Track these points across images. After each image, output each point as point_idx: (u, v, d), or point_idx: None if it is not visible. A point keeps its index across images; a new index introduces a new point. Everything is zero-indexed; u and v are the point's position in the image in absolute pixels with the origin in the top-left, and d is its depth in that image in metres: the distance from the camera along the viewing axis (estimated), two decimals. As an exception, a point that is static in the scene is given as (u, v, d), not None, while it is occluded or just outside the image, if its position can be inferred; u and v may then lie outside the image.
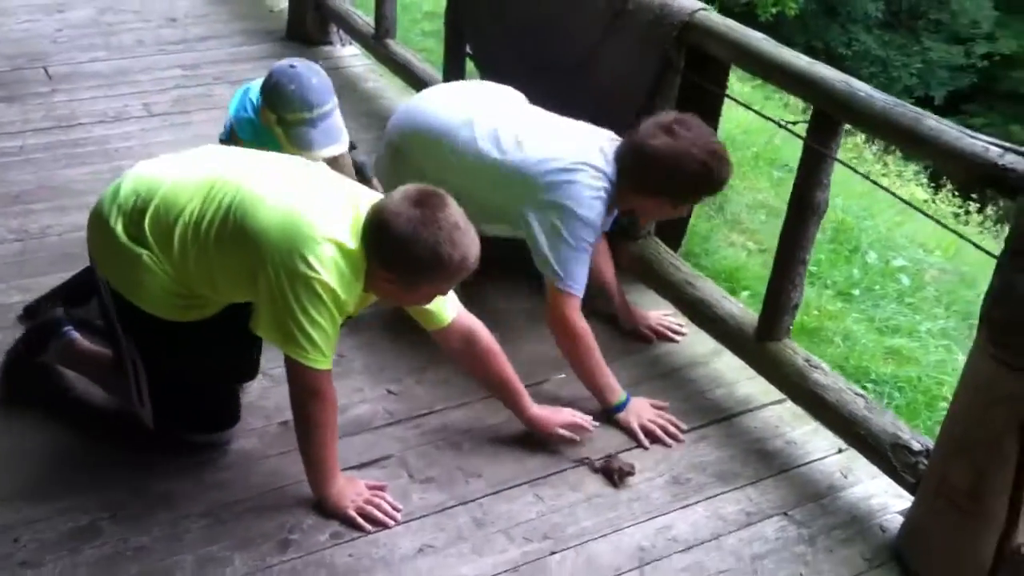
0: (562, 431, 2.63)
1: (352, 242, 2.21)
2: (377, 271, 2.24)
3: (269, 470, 2.53)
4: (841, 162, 2.61)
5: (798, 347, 2.85)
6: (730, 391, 2.95)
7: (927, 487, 2.38)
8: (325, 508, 2.39)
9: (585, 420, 2.67)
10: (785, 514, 2.55)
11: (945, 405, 4.08)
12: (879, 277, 5.28)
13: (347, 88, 4.78)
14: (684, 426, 2.77)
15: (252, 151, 2.49)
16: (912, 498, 2.48)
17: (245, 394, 2.72)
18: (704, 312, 3.06)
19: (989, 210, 10.32)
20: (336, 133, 2.85)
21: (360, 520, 2.37)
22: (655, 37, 2.97)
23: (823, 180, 2.60)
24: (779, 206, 5.67)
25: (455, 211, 2.21)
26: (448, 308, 2.50)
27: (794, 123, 2.64)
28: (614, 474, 2.58)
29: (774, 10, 14.20)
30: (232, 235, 2.22)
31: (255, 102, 2.94)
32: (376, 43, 4.75)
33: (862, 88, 2.46)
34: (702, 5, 2.95)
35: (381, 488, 2.46)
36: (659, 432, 2.73)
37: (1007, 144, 2.15)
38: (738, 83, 6.86)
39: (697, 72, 2.98)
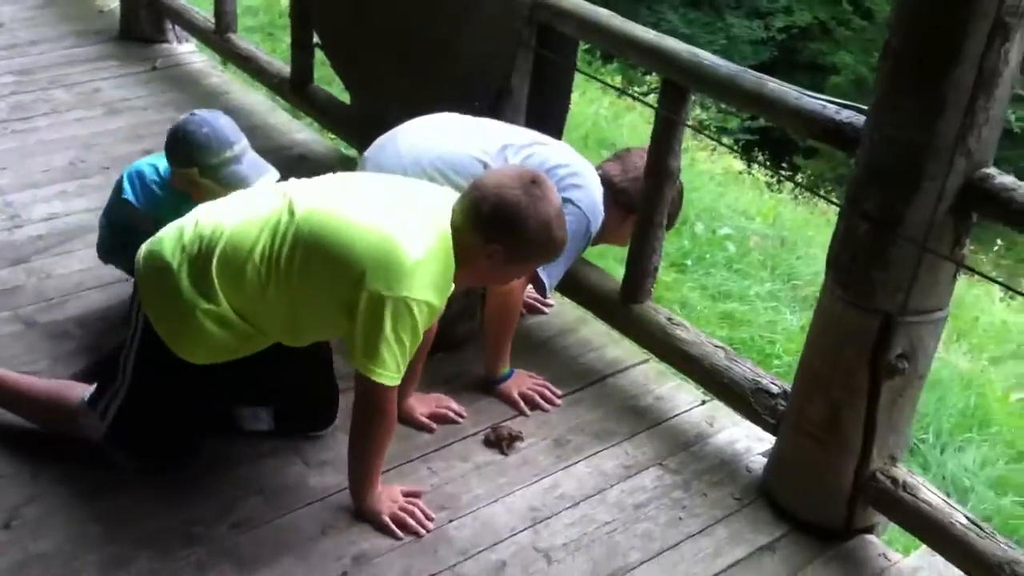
0: (422, 419, 2.72)
1: (441, 238, 2.21)
2: (480, 247, 2.25)
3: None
4: (690, 126, 2.78)
5: (660, 307, 3.02)
6: (599, 355, 3.10)
7: (787, 425, 2.57)
8: (361, 513, 2.42)
9: (451, 410, 2.77)
10: (660, 464, 2.72)
11: (778, 362, 4.41)
12: (708, 246, 5.56)
13: (190, 85, 4.73)
14: (559, 391, 2.90)
15: (310, 179, 2.41)
16: (773, 439, 2.67)
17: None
18: (569, 281, 3.20)
19: (799, 177, 10.95)
20: (262, 163, 2.78)
21: (393, 527, 2.39)
22: (507, 18, 3.08)
23: (675, 147, 2.77)
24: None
25: (559, 198, 2.30)
26: None
27: (645, 94, 2.79)
28: (503, 442, 2.68)
29: (584, -6, 14.60)
30: (319, 263, 2.18)
31: (159, 176, 2.83)
32: (217, 38, 4.69)
33: (707, 58, 2.64)
34: (550, -14, 3.07)
35: (416, 495, 2.48)
36: (537, 398, 2.85)
37: (841, 101, 2.36)
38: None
39: (549, 49, 3.10)
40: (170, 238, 2.28)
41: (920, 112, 2.07)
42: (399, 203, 2.28)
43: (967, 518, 2.36)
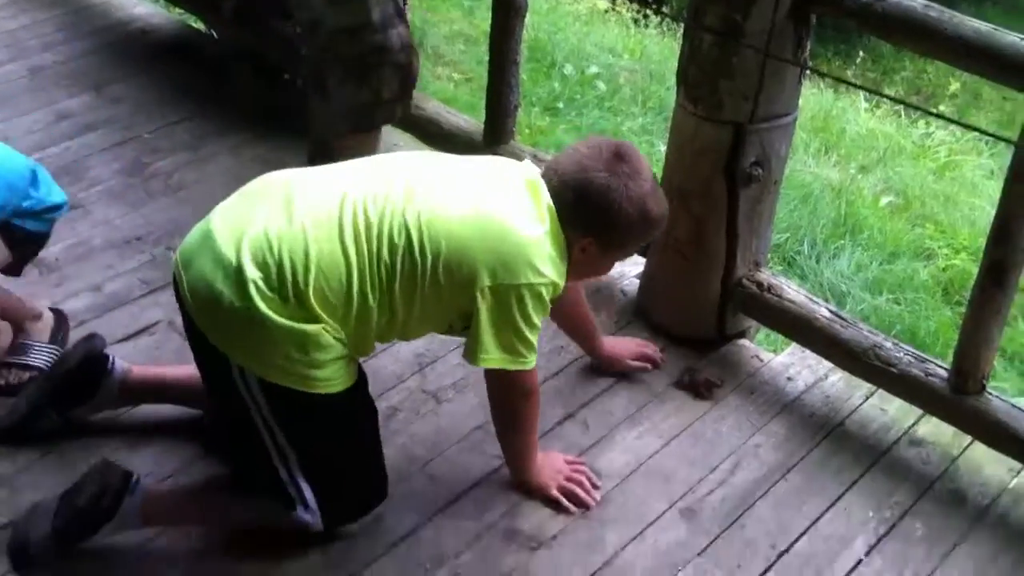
0: (632, 363, 2.58)
1: (546, 221, 1.93)
2: (574, 239, 1.98)
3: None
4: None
5: (524, 145, 3.05)
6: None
7: (655, 244, 2.64)
8: (526, 489, 2.27)
9: (651, 348, 2.61)
10: (535, 295, 2.78)
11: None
12: (578, 87, 5.58)
13: None
14: None
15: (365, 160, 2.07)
16: (644, 260, 2.75)
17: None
18: (432, 129, 3.19)
19: (665, 8, 10.94)
20: None
21: (565, 501, 2.24)
22: None
23: (520, -23, 2.75)
24: (475, 35, 5.85)
25: (648, 165, 2.02)
26: None
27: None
28: (700, 387, 2.55)
29: None
30: (426, 265, 1.87)
31: None
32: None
33: None
34: None
35: (579, 462, 2.34)
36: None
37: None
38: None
39: None
40: (218, 274, 1.85)
41: (748, -84, 2.10)
42: (495, 177, 2.00)
43: (830, 311, 2.49)
